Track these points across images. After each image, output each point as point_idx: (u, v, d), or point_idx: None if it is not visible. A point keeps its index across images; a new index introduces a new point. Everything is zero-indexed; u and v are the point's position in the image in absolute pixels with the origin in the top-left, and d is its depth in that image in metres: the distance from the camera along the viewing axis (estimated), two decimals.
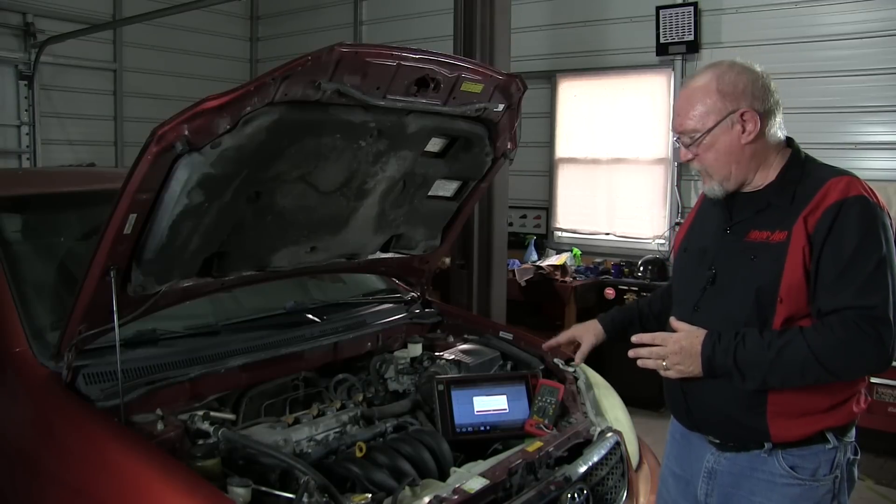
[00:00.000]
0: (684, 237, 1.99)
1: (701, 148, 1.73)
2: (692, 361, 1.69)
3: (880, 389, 4.43)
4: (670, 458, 2.01)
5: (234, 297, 2.55)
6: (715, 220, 1.85)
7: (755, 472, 1.75)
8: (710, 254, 1.80)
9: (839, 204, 1.62)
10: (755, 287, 1.67)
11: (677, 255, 1.99)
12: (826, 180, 1.66)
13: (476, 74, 2.11)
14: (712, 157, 1.73)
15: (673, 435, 2.00)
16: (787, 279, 1.64)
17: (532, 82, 3.33)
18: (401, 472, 1.90)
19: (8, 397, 2.00)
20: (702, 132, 1.71)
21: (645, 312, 2.17)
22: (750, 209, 1.76)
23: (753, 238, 1.72)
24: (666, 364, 1.73)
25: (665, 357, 1.72)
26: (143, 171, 1.67)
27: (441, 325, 2.96)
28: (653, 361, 1.75)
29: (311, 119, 1.87)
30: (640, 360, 1.77)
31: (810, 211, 1.64)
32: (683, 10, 5.52)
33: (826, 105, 5.07)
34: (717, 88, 1.70)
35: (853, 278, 1.59)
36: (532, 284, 5.43)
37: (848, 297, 1.58)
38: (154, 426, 1.85)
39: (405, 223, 2.52)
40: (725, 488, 1.79)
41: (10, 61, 6.76)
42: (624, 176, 6.09)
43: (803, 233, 1.63)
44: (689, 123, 1.72)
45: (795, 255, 1.63)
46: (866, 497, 3.99)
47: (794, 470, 1.71)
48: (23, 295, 2.13)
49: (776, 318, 1.66)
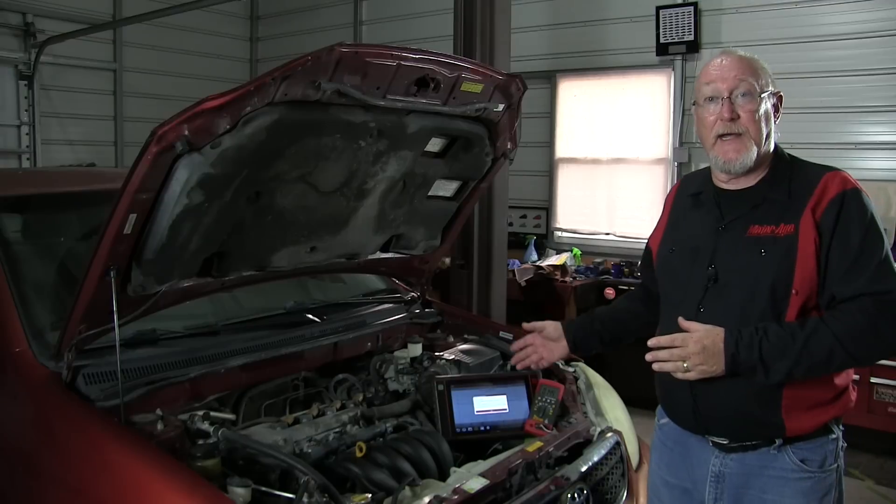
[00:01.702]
0: (664, 239, 1.96)
1: (748, 107, 1.73)
2: (715, 360, 1.66)
3: (880, 389, 4.43)
4: (661, 467, 1.97)
5: (234, 297, 2.55)
6: (702, 219, 1.84)
7: (765, 469, 1.74)
8: (706, 252, 1.79)
9: (841, 196, 1.67)
10: (770, 281, 1.68)
11: (662, 257, 1.95)
12: (821, 174, 1.72)
13: (476, 74, 2.11)
14: (755, 119, 1.73)
15: (664, 443, 1.96)
16: (800, 271, 1.66)
17: (532, 82, 3.33)
18: (401, 472, 1.90)
19: (8, 397, 2.00)
20: (758, 93, 1.73)
21: (610, 327, 2.17)
22: (743, 205, 1.77)
23: (757, 233, 1.72)
24: (687, 365, 1.67)
25: (687, 358, 1.67)
26: (143, 171, 1.67)
27: (441, 325, 2.96)
28: (672, 364, 1.69)
29: (311, 119, 1.87)
30: (656, 363, 1.72)
31: (815, 203, 1.68)
32: (683, 10, 5.52)
33: (826, 105, 5.07)
34: (763, 66, 1.77)
35: (865, 266, 1.64)
36: (532, 284, 5.43)
37: (863, 283, 1.63)
38: (154, 426, 1.85)
39: (405, 223, 2.52)
40: (735, 490, 1.77)
41: (10, 61, 6.76)
42: (624, 176, 6.09)
43: (812, 224, 1.67)
44: (747, 82, 1.73)
45: (806, 246, 1.66)
46: (866, 497, 3.99)
47: (804, 463, 1.72)
48: (23, 295, 2.13)
49: (790, 310, 1.68)
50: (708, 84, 1.77)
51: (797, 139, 4.75)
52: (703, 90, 1.78)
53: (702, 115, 1.79)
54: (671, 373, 1.71)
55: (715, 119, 1.75)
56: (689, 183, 1.99)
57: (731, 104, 1.73)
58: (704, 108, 1.78)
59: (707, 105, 1.77)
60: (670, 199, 2.03)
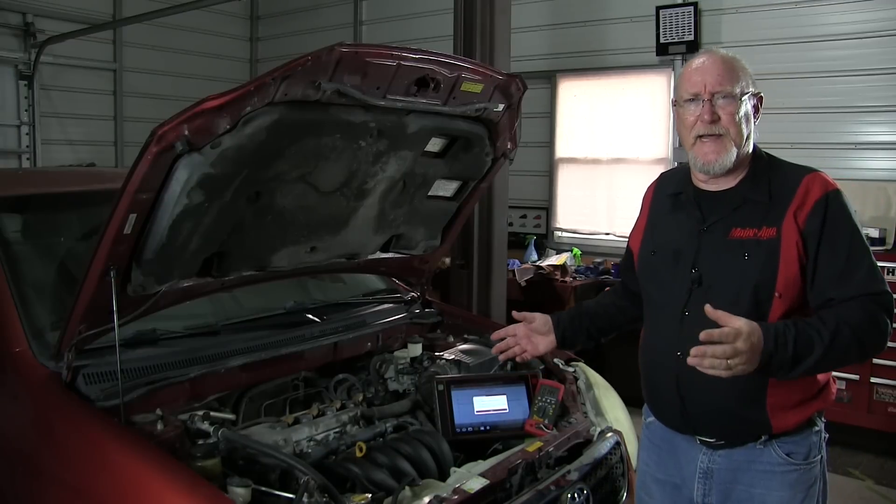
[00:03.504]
0: (644, 240, 1.96)
1: (729, 109, 1.73)
2: (754, 359, 1.56)
3: (880, 389, 4.42)
4: (649, 464, 1.98)
5: (234, 297, 2.55)
6: (683, 221, 1.84)
7: (752, 464, 1.76)
8: (688, 255, 1.79)
9: (825, 198, 1.68)
10: (752, 284, 1.69)
11: (643, 259, 1.95)
12: (800, 176, 1.73)
13: (476, 74, 2.11)
14: (735, 121, 1.73)
15: (651, 440, 1.97)
16: (783, 274, 1.67)
17: (532, 82, 3.33)
18: (401, 472, 1.90)
19: (8, 397, 2.00)
20: (738, 96, 1.73)
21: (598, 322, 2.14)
22: (724, 207, 1.77)
23: (738, 236, 1.73)
24: (732, 363, 1.53)
25: (735, 356, 1.53)
26: (143, 171, 1.67)
27: (441, 325, 2.96)
28: (720, 361, 1.53)
29: (311, 119, 1.87)
30: (707, 360, 1.54)
31: (797, 207, 1.68)
32: (683, 10, 5.52)
33: (826, 105, 5.06)
34: (744, 67, 1.77)
35: (857, 267, 1.66)
36: (532, 284, 5.43)
37: (859, 285, 1.65)
38: (154, 426, 1.85)
39: (405, 223, 2.52)
40: (723, 485, 1.79)
41: (10, 61, 6.77)
42: (624, 176, 6.09)
43: (794, 228, 1.68)
44: (728, 85, 1.73)
45: (789, 250, 1.67)
46: (866, 497, 3.98)
47: (789, 456, 1.74)
48: (23, 295, 2.13)
49: (773, 312, 1.68)
50: (689, 84, 1.77)
51: (797, 139, 4.76)
52: (684, 90, 1.78)
53: (682, 115, 1.80)
54: (704, 370, 1.55)
55: (695, 120, 1.75)
56: (667, 182, 1.98)
57: (711, 106, 1.73)
58: (685, 108, 1.78)
59: (687, 105, 1.77)
60: (648, 198, 2.03)
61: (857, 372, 4.41)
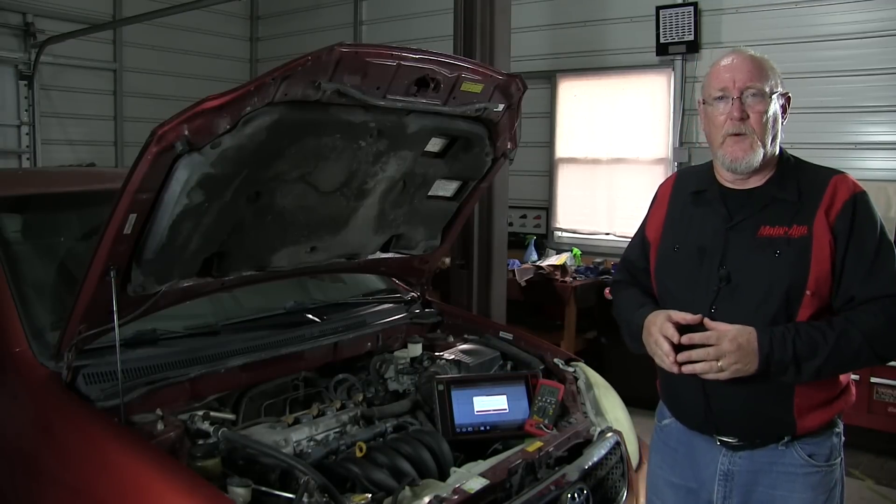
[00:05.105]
0: (665, 235, 1.91)
1: (758, 108, 1.72)
2: (750, 359, 1.63)
3: (880, 389, 4.42)
4: (663, 467, 1.95)
5: (234, 297, 2.55)
6: (708, 219, 1.82)
7: (774, 465, 1.75)
8: (714, 252, 1.78)
9: (853, 199, 1.70)
10: (786, 282, 1.68)
11: (663, 254, 1.90)
12: (828, 177, 1.74)
13: (476, 74, 2.11)
14: (762, 122, 1.73)
15: (666, 443, 1.94)
16: (814, 273, 1.68)
17: (532, 82, 3.33)
18: (401, 472, 1.90)
19: (8, 397, 2.00)
20: (768, 94, 1.73)
21: None
22: (752, 205, 1.77)
23: (768, 234, 1.72)
24: (722, 364, 1.63)
25: (722, 356, 1.63)
26: (143, 171, 1.67)
27: (441, 325, 2.96)
28: (706, 364, 1.64)
29: (311, 119, 1.87)
30: (687, 365, 1.66)
31: (828, 206, 1.69)
32: (683, 10, 5.52)
33: (826, 105, 5.07)
34: (773, 66, 1.77)
35: (883, 268, 1.67)
36: (532, 284, 5.42)
37: (883, 285, 1.66)
38: (154, 426, 1.85)
39: (405, 223, 2.52)
40: (744, 487, 1.78)
41: (10, 61, 6.76)
42: (624, 176, 6.09)
43: (825, 227, 1.68)
44: (758, 82, 1.73)
45: (821, 248, 1.68)
46: (866, 497, 3.98)
47: (812, 458, 1.74)
48: (23, 295, 2.13)
49: (802, 310, 1.68)
50: (718, 82, 1.76)
51: (797, 139, 4.75)
52: (713, 88, 1.77)
53: (711, 114, 1.79)
54: (700, 374, 1.66)
55: (725, 118, 1.74)
56: (688, 179, 1.96)
57: (741, 104, 1.72)
58: (714, 106, 1.77)
59: (716, 104, 1.76)
60: (666, 193, 1.98)
61: (857, 372, 4.40)
